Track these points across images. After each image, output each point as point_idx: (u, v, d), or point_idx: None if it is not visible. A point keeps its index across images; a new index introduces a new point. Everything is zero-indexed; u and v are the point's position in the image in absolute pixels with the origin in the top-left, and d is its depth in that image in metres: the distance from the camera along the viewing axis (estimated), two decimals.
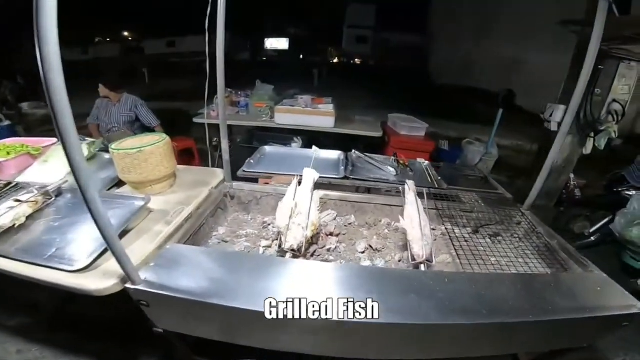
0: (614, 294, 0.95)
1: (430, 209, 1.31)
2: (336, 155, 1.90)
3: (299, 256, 1.04)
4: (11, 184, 1.30)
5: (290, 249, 1.01)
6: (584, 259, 1.11)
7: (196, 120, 3.23)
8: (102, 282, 0.89)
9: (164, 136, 1.37)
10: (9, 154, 1.54)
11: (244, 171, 1.67)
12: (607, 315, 0.88)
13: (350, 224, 1.38)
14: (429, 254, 1.01)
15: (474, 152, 3.85)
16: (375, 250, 1.21)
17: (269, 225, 1.36)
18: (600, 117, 2.64)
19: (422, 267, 1.00)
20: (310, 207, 1.11)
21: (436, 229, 1.38)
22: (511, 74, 6.33)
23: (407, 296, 0.84)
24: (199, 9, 1.34)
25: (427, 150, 3.21)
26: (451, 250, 1.24)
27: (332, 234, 1.27)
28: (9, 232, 1.05)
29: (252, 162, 1.77)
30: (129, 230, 1.09)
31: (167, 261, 0.94)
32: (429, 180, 1.65)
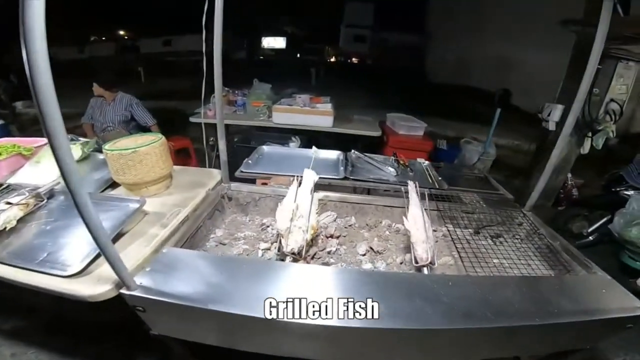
0: (618, 296, 0.94)
1: (431, 210, 1.29)
2: (335, 155, 1.88)
3: (299, 259, 1.02)
4: (2, 185, 1.26)
5: (290, 253, 0.99)
6: (587, 261, 1.10)
7: (193, 119, 3.20)
8: (96, 287, 0.86)
9: (160, 136, 1.34)
10: (0, 154, 1.50)
11: (241, 172, 1.64)
12: (612, 317, 0.87)
13: (350, 225, 1.36)
14: (431, 257, 0.99)
15: (472, 151, 3.83)
16: (376, 252, 1.19)
17: (267, 227, 1.34)
18: (598, 116, 2.64)
19: (425, 270, 0.99)
20: (310, 210, 1.09)
21: (437, 230, 1.37)
22: (508, 73, 6.34)
23: (411, 300, 0.82)
24: (196, 8, 1.32)
25: (425, 149, 3.20)
26: (453, 252, 1.23)
27: (332, 236, 1.24)
28: (0, 235, 1.01)
29: (250, 162, 1.74)
30: (124, 233, 1.06)
31: (163, 265, 0.92)
32: (430, 180, 1.63)
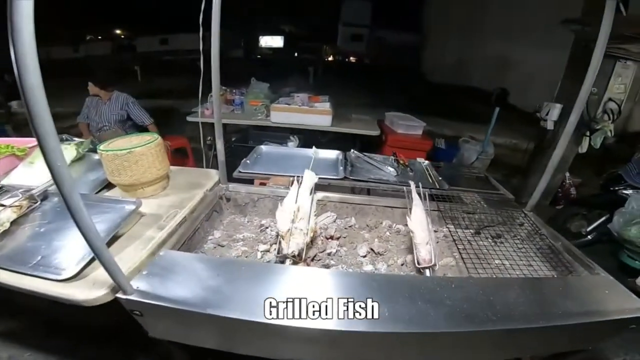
0: (621, 297, 0.93)
1: (432, 210, 1.28)
2: (334, 155, 1.86)
3: (299, 262, 1.00)
4: None
5: (291, 255, 0.97)
6: (589, 261, 1.09)
7: (190, 118, 3.16)
8: (91, 291, 0.84)
9: (156, 136, 1.31)
10: None
11: (240, 172, 1.61)
12: (616, 318, 0.86)
13: (350, 226, 1.35)
14: (434, 258, 0.98)
15: (471, 150, 3.82)
16: (377, 253, 1.17)
17: (266, 228, 1.32)
18: (596, 116, 2.65)
19: (427, 272, 0.97)
20: (310, 212, 1.07)
21: (438, 231, 1.36)
22: (505, 72, 6.36)
23: (414, 303, 0.81)
24: (193, 6, 1.30)
25: (424, 148, 3.19)
26: (454, 252, 1.22)
27: (332, 237, 1.23)
28: None
29: (248, 162, 1.72)
30: (119, 236, 1.03)
31: (160, 269, 0.90)
32: (430, 180, 1.61)
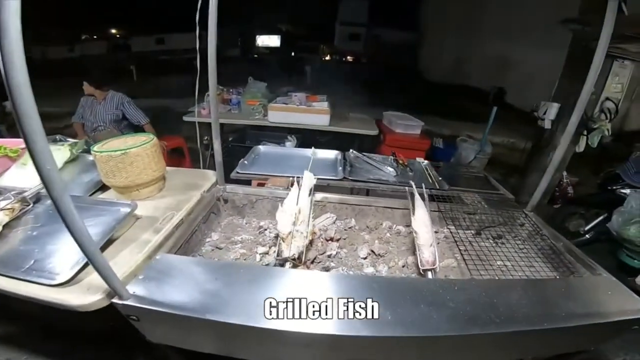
0: (624, 298, 0.93)
1: (432, 211, 1.27)
2: (333, 155, 1.84)
3: (299, 264, 0.99)
4: None
5: (292, 258, 0.95)
6: (591, 262, 1.08)
7: (186, 118, 3.13)
8: (86, 296, 0.82)
9: (151, 137, 1.28)
10: None
11: (237, 172, 1.59)
12: (619, 320, 0.85)
13: (350, 227, 1.33)
14: (436, 260, 0.97)
15: (469, 149, 3.83)
16: (377, 255, 1.15)
17: (265, 230, 1.30)
18: (593, 115, 2.65)
19: (429, 274, 0.96)
20: (309, 214, 1.05)
21: (439, 232, 1.35)
22: (503, 71, 6.37)
23: (416, 306, 0.79)
24: (189, 5, 1.28)
25: (422, 148, 3.18)
26: (455, 254, 1.21)
27: (332, 239, 1.21)
28: None
29: (246, 163, 1.70)
30: (114, 239, 1.01)
31: (157, 273, 0.87)
32: (430, 180, 1.60)
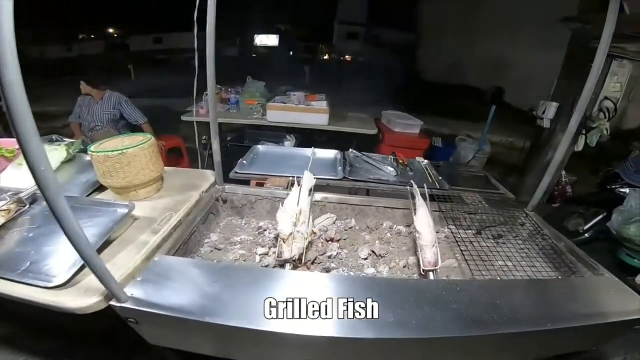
0: (626, 298, 0.92)
1: (433, 211, 1.26)
2: (333, 154, 1.82)
3: (299, 266, 0.97)
4: None
5: (292, 260, 0.94)
6: (593, 262, 1.08)
7: (184, 118, 3.11)
8: (83, 299, 0.80)
9: (149, 136, 1.27)
10: None
11: (236, 173, 1.57)
12: (623, 320, 0.85)
13: (350, 228, 1.32)
14: (439, 261, 0.96)
15: (468, 149, 3.82)
16: (378, 256, 1.14)
17: (264, 231, 1.28)
18: (592, 114, 2.65)
19: (431, 275, 0.95)
20: (309, 215, 1.04)
21: (439, 232, 1.34)
22: (500, 71, 6.36)
23: (420, 308, 0.78)
24: (187, 4, 1.26)
25: (421, 147, 3.18)
26: (456, 254, 1.20)
27: (332, 239, 1.20)
28: None
29: (244, 163, 1.68)
30: (112, 240, 0.99)
31: (155, 275, 0.86)
32: (430, 180, 1.59)
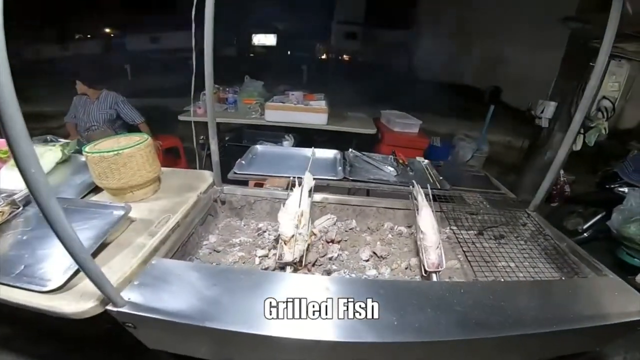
0: (630, 298, 0.91)
1: (435, 211, 1.24)
2: (332, 154, 1.80)
3: (300, 268, 0.96)
4: None
5: (293, 262, 0.92)
6: (596, 262, 1.07)
7: (182, 118, 3.08)
8: (79, 303, 0.79)
9: (145, 136, 1.24)
10: None
11: (235, 173, 1.55)
12: (627, 321, 0.84)
13: (351, 228, 1.30)
14: (443, 262, 0.94)
15: (466, 148, 3.83)
16: (379, 257, 1.13)
17: (264, 232, 1.26)
18: (590, 113, 2.65)
19: (434, 276, 0.94)
20: (309, 216, 1.03)
21: (441, 232, 1.32)
22: (498, 70, 6.38)
23: (423, 311, 0.77)
24: (184, 3, 1.25)
25: (420, 146, 3.18)
26: (458, 255, 1.19)
27: (333, 241, 1.18)
28: None
29: (243, 163, 1.66)
30: (108, 243, 0.97)
31: (153, 278, 0.84)
32: (431, 180, 1.58)
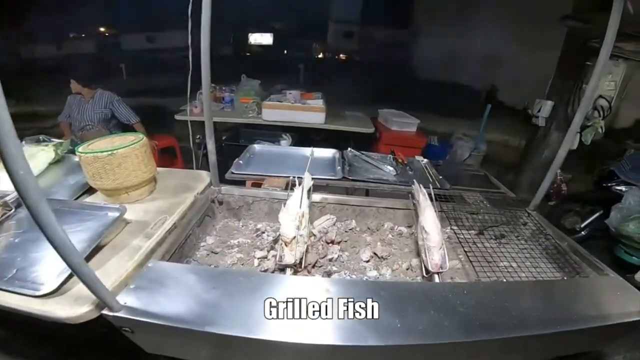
0: (632, 297, 0.91)
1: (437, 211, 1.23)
2: (331, 154, 1.79)
3: (299, 270, 0.94)
4: None
5: (293, 264, 0.90)
6: (597, 261, 1.06)
7: (178, 117, 3.04)
8: (73, 308, 0.76)
9: (140, 136, 1.22)
10: None
11: (232, 173, 1.53)
12: (630, 320, 0.83)
13: (351, 229, 1.28)
14: (447, 263, 0.93)
15: (464, 147, 3.83)
16: (380, 258, 1.12)
17: (262, 233, 1.24)
18: (586, 112, 2.66)
19: (436, 277, 0.92)
20: (309, 217, 1.01)
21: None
22: (494, 69, 6.39)
23: (426, 312, 0.76)
24: (181, 1, 1.24)
25: (418, 145, 3.17)
26: (459, 255, 1.18)
27: (332, 241, 1.16)
28: None
29: (241, 162, 1.64)
30: (102, 246, 0.94)
31: (149, 282, 0.82)
32: (430, 179, 1.56)
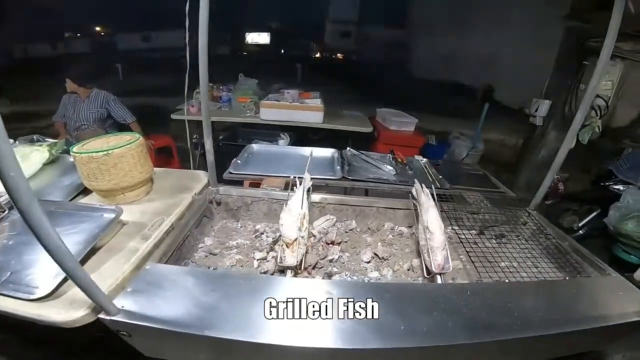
0: (634, 297, 0.90)
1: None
2: (330, 153, 1.78)
3: (299, 272, 0.93)
4: None
5: (294, 266, 0.89)
6: (599, 261, 1.06)
7: (174, 116, 3.01)
8: (69, 312, 0.74)
9: (136, 136, 1.20)
10: None
11: (230, 173, 1.51)
12: (632, 321, 0.83)
13: (351, 229, 1.27)
14: (450, 264, 0.92)
15: (461, 146, 3.84)
16: (381, 259, 1.10)
17: (261, 234, 1.23)
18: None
19: (438, 278, 0.91)
20: (308, 218, 1.00)
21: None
22: (491, 68, 6.41)
23: (430, 314, 0.75)
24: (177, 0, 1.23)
25: (417, 145, 3.17)
26: (460, 255, 1.17)
27: (333, 242, 1.15)
28: None
29: (239, 162, 1.62)
30: (98, 248, 0.92)
31: (147, 285, 0.80)
32: (430, 179, 1.56)
